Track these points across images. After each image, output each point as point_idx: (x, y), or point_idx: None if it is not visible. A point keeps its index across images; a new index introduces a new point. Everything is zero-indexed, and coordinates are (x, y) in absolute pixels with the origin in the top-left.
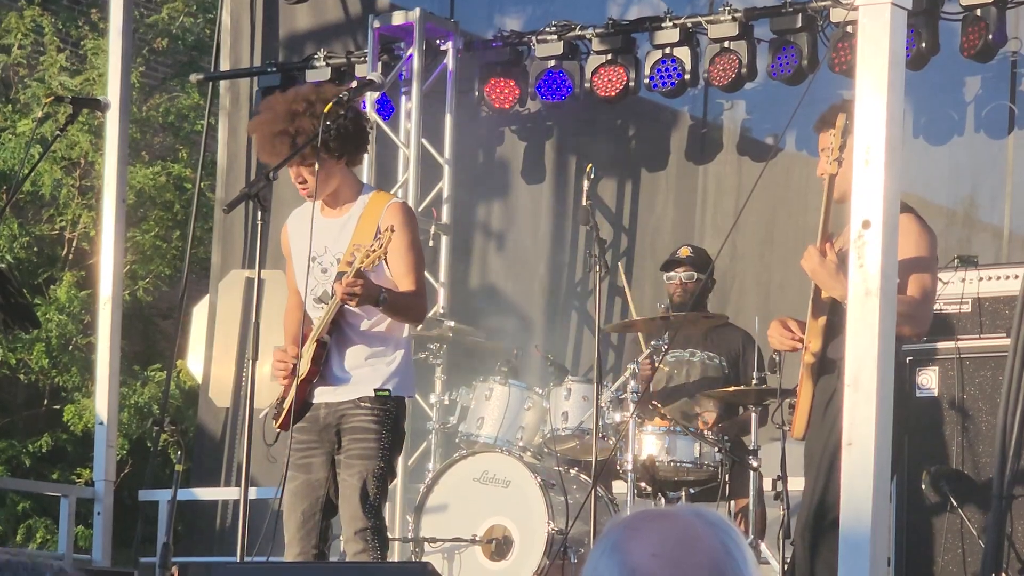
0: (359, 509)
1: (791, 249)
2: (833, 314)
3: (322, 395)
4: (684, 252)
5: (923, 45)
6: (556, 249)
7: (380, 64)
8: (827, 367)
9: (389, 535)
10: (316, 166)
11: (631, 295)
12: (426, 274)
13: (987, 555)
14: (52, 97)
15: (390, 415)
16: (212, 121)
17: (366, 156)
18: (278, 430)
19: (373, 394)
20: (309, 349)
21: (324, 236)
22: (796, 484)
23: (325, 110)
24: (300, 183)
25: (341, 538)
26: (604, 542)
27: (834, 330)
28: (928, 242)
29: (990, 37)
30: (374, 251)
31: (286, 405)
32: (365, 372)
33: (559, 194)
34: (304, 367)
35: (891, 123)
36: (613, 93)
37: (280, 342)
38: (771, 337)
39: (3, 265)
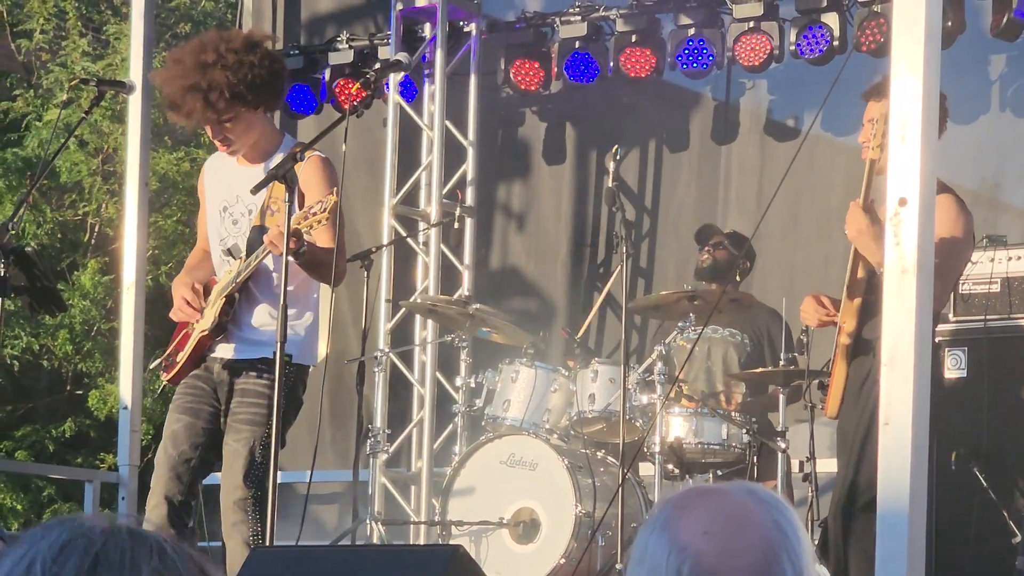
0: (240, 478)
1: (815, 230)
2: (869, 294)
3: (220, 351)
4: (726, 229)
5: (950, 24)
6: (578, 230)
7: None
8: (862, 347)
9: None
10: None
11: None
12: (451, 257)
13: None
14: (76, 80)
15: (287, 382)
16: None
17: (388, 139)
18: (167, 383)
19: (271, 356)
20: (216, 303)
21: (237, 184)
22: (824, 465)
23: (353, 88)
24: (220, 140)
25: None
26: (654, 520)
27: (870, 310)
28: (964, 224)
29: (1012, 15)
30: (314, 215)
31: (181, 358)
32: (268, 333)
33: (581, 175)
34: (208, 322)
35: (927, 99)
36: (643, 74)
37: None
38: (804, 313)
39: (29, 248)
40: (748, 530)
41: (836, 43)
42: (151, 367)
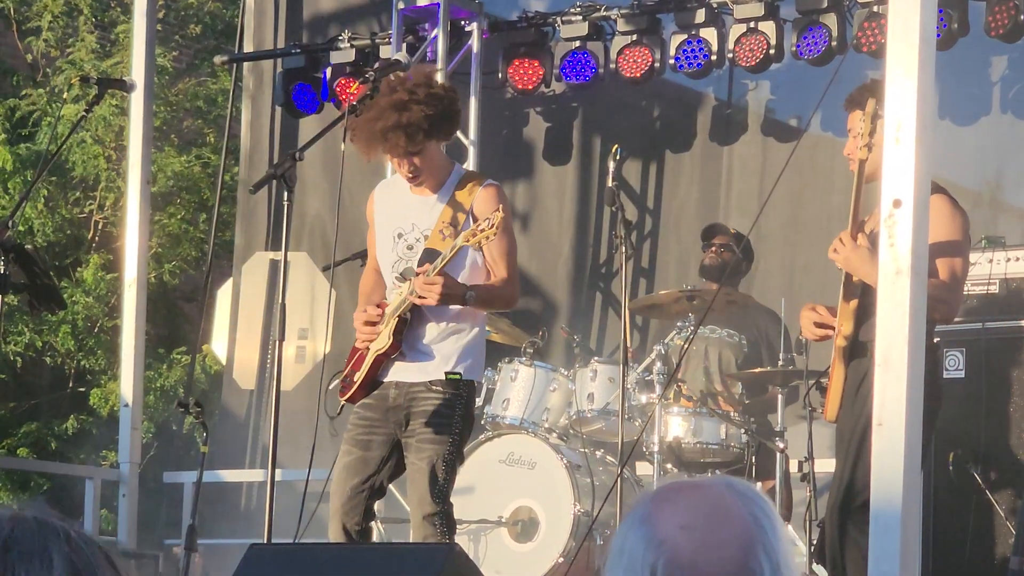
0: (428, 494)
1: (816, 230)
2: (865, 296)
3: (394, 373)
4: (729, 228)
5: (955, 26)
6: (580, 230)
7: (404, 46)
8: (859, 350)
9: (455, 524)
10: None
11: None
12: None
13: (1019, 537)
14: (79, 77)
15: (461, 399)
16: (238, 106)
17: None
18: (344, 403)
19: (444, 377)
20: (389, 324)
21: (412, 213)
22: (823, 466)
23: (354, 85)
24: (410, 172)
25: (409, 523)
26: (633, 514)
27: (866, 312)
28: (960, 224)
29: (1021, 17)
30: (482, 231)
31: (358, 378)
32: (437, 351)
33: (584, 175)
34: (384, 341)
35: (922, 101)
36: (639, 74)
37: (304, 324)
38: (804, 329)
39: (29, 246)
40: (725, 524)
41: (834, 43)
42: (330, 388)
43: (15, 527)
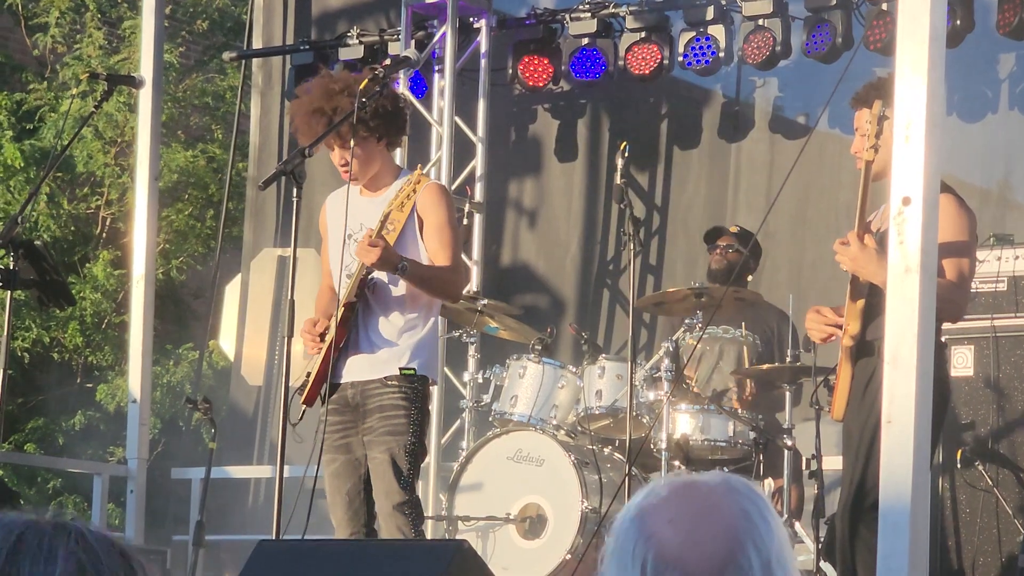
0: (394, 483)
1: (824, 227)
2: (872, 296)
3: (348, 374)
4: (732, 228)
5: (958, 22)
6: (588, 227)
7: (413, 42)
8: (866, 349)
9: (423, 514)
10: (352, 143)
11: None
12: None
13: None
14: (88, 73)
15: (418, 393)
16: (246, 103)
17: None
18: (304, 407)
19: (399, 372)
20: (337, 314)
21: (361, 215)
22: (831, 463)
23: (361, 87)
24: (342, 166)
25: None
26: (627, 511)
27: (873, 312)
28: (967, 224)
29: None
30: (402, 191)
31: (311, 375)
32: (390, 348)
33: (591, 172)
34: (332, 332)
35: (931, 99)
36: (647, 71)
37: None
38: (809, 330)
39: (39, 242)
40: (713, 518)
41: (840, 40)
42: (294, 389)
43: (27, 528)
